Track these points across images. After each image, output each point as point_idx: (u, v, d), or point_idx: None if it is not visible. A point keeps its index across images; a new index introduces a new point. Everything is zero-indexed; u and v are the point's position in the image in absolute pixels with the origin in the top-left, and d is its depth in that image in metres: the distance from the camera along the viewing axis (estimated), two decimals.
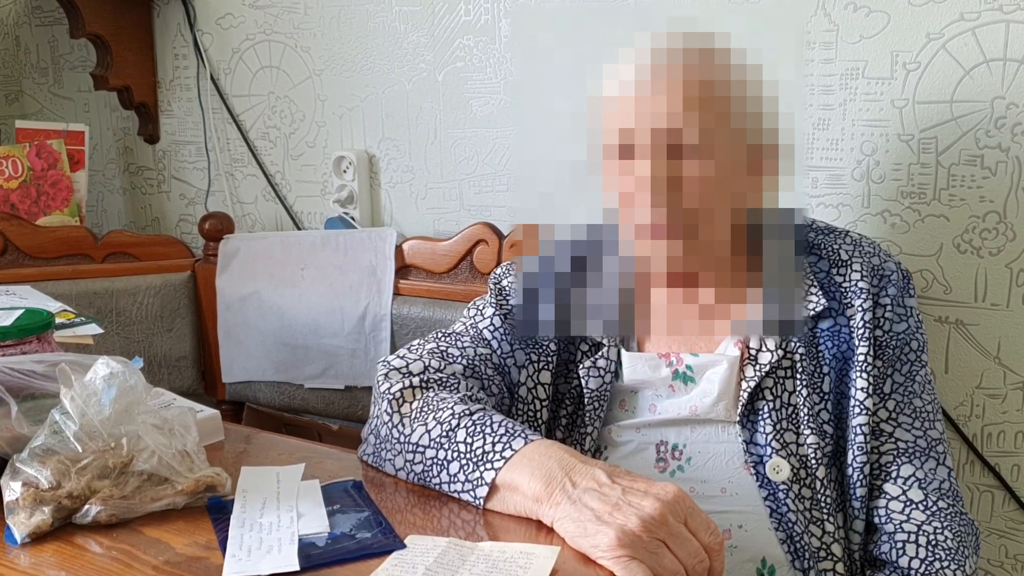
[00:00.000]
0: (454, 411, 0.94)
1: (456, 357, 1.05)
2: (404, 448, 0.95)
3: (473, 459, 0.89)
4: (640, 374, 1.06)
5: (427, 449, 0.93)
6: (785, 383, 1.04)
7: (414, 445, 0.94)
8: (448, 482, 0.90)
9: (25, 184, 1.78)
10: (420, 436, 0.94)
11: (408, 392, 0.99)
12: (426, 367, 1.02)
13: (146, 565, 0.80)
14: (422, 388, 0.99)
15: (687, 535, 0.79)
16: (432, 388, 1.00)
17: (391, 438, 0.97)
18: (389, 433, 0.97)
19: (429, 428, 0.94)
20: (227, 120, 1.90)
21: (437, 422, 0.93)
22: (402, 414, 0.97)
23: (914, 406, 1.05)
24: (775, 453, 1.01)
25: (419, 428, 0.94)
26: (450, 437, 0.91)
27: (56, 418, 0.88)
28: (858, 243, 1.07)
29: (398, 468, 0.96)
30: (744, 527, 1.01)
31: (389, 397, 0.99)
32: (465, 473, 0.89)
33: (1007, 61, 1.21)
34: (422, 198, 1.72)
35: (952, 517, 1.02)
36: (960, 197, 1.27)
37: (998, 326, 1.27)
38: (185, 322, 1.80)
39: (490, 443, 0.89)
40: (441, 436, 0.92)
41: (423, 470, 0.93)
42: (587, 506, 0.80)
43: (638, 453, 1.05)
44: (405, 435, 0.95)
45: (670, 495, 0.80)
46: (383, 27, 1.69)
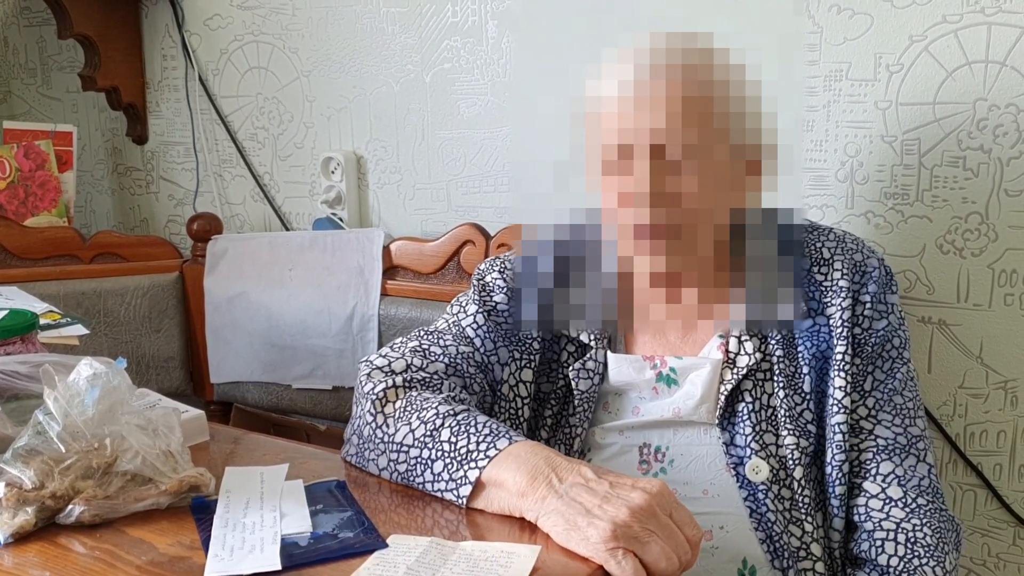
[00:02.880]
0: (438, 411, 0.94)
1: (438, 355, 1.05)
2: (388, 448, 0.95)
3: (457, 458, 0.89)
4: (624, 376, 1.07)
5: (411, 448, 0.93)
6: (764, 385, 1.04)
7: (398, 445, 0.94)
8: (432, 481, 0.91)
9: (13, 185, 1.78)
10: (404, 436, 0.94)
11: (391, 392, 0.99)
12: (408, 366, 1.02)
13: (129, 565, 0.80)
14: (405, 388, 1.00)
15: (673, 527, 0.80)
16: (415, 388, 1.00)
17: (374, 438, 0.97)
18: (372, 433, 0.97)
19: (413, 428, 0.94)
20: (215, 121, 1.90)
21: (421, 422, 0.94)
22: (385, 414, 0.97)
23: (894, 403, 1.05)
24: (754, 454, 1.02)
25: (403, 428, 0.95)
26: (434, 436, 0.92)
27: (40, 419, 0.88)
28: (841, 239, 1.08)
29: (381, 468, 0.96)
30: (725, 528, 1.02)
31: (372, 397, 0.99)
32: (449, 472, 0.89)
33: (989, 63, 1.22)
34: (410, 199, 1.72)
35: (932, 514, 1.02)
36: (943, 198, 1.27)
37: (980, 326, 1.28)
38: (173, 323, 1.80)
39: (475, 442, 0.89)
40: (425, 436, 0.92)
41: (407, 469, 0.93)
42: (575, 500, 0.81)
43: (621, 455, 1.06)
44: (389, 435, 0.96)
45: (656, 488, 0.81)
46: (371, 28, 1.69)
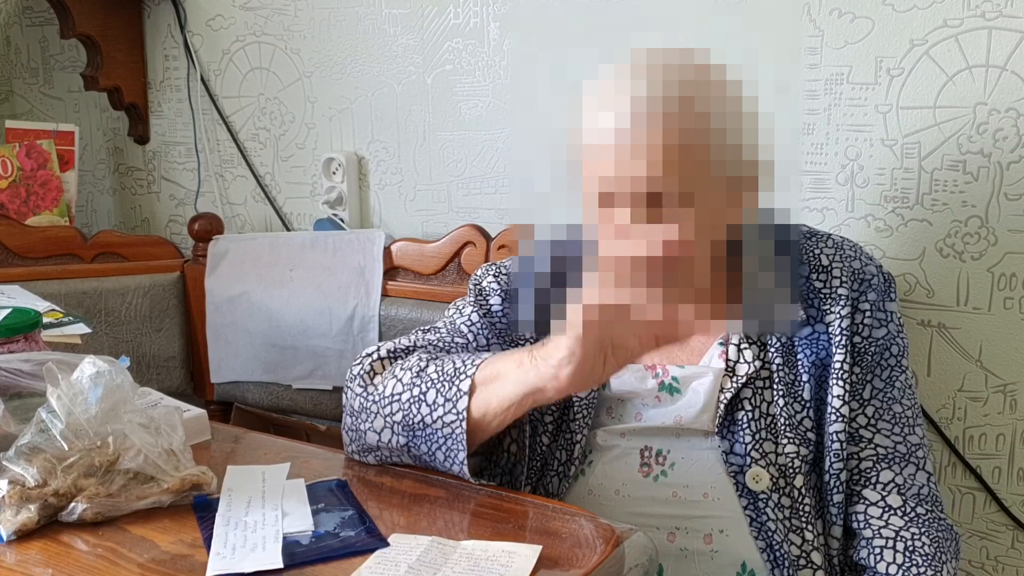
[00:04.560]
0: (420, 357, 1.00)
1: (431, 341, 1.09)
2: (380, 405, 0.99)
3: (446, 379, 0.95)
4: (627, 385, 1.07)
5: (402, 394, 0.97)
6: (764, 393, 1.04)
7: (389, 397, 0.98)
8: (429, 412, 0.95)
9: (15, 184, 1.78)
10: (392, 387, 0.99)
11: (377, 364, 1.04)
12: (395, 347, 1.07)
13: (131, 563, 0.80)
14: (390, 359, 1.04)
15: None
16: (400, 357, 1.05)
17: (366, 405, 1.00)
18: (363, 403, 1.01)
19: (399, 377, 0.99)
20: (217, 121, 1.90)
21: (405, 369, 0.99)
22: (375, 384, 1.01)
23: (893, 412, 1.05)
24: (754, 463, 1.02)
25: (390, 381, 1.00)
26: (421, 376, 0.97)
27: (43, 416, 0.88)
28: (840, 246, 1.08)
29: (380, 430, 0.99)
30: (726, 532, 1.02)
31: (360, 372, 1.03)
32: (443, 395, 0.94)
33: (989, 67, 1.23)
34: (411, 200, 1.72)
35: (930, 523, 1.02)
36: (943, 202, 1.28)
37: (980, 330, 1.28)
38: (174, 322, 1.80)
39: (460, 362, 0.96)
40: (413, 377, 0.98)
41: (403, 416, 0.97)
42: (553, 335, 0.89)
43: (623, 457, 1.06)
44: (379, 393, 1.00)
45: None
46: (373, 30, 1.70)
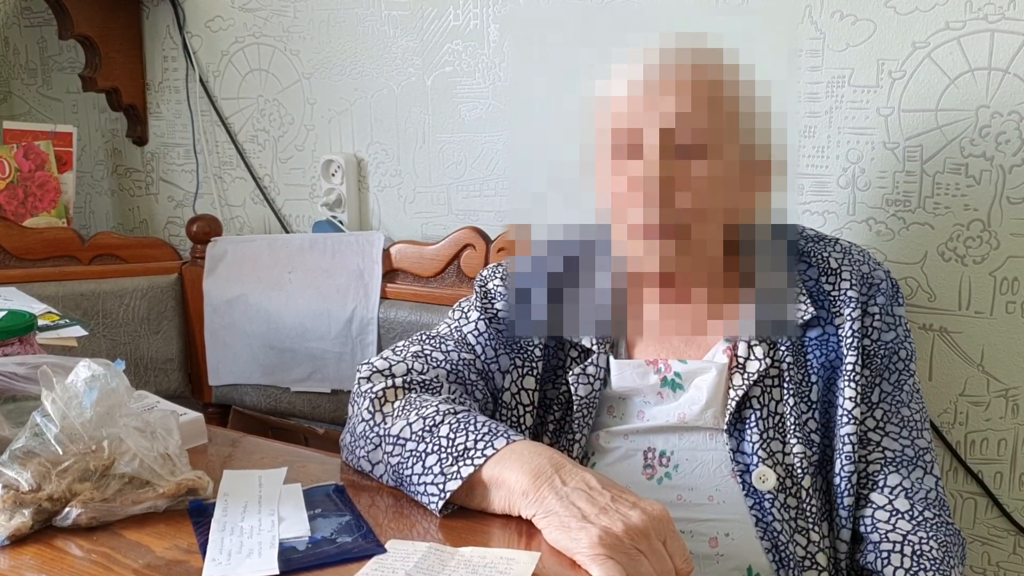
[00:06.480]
0: (438, 408, 0.94)
1: (440, 361, 1.05)
2: (383, 440, 0.95)
3: (453, 454, 0.89)
4: (628, 381, 1.06)
5: (408, 442, 0.92)
6: (772, 392, 1.04)
7: (394, 437, 0.94)
8: (421, 474, 0.90)
9: (12, 185, 1.78)
10: (401, 429, 0.94)
11: (391, 392, 0.99)
12: (409, 370, 1.02)
13: (126, 568, 0.79)
14: (405, 389, 0.99)
15: (665, 554, 0.79)
16: (415, 390, 1.00)
17: (368, 433, 0.97)
18: (367, 429, 0.97)
19: (411, 422, 0.94)
20: (216, 123, 1.90)
21: (420, 417, 0.93)
22: (384, 413, 0.97)
23: (902, 415, 1.05)
24: (761, 462, 1.01)
25: (400, 422, 0.94)
26: (432, 432, 0.91)
27: (37, 420, 0.87)
28: (848, 251, 1.07)
29: (375, 462, 0.95)
30: (731, 535, 1.01)
31: (371, 396, 0.99)
32: (442, 467, 0.88)
33: (991, 70, 1.22)
34: (410, 202, 1.72)
35: (938, 527, 1.02)
36: (945, 205, 1.27)
37: (982, 334, 1.28)
38: (172, 325, 1.79)
39: (472, 440, 0.89)
40: (423, 430, 0.92)
41: (399, 462, 0.92)
42: (574, 504, 0.81)
43: (625, 459, 1.05)
44: (385, 428, 0.95)
45: (656, 511, 0.81)
46: (372, 31, 1.69)
